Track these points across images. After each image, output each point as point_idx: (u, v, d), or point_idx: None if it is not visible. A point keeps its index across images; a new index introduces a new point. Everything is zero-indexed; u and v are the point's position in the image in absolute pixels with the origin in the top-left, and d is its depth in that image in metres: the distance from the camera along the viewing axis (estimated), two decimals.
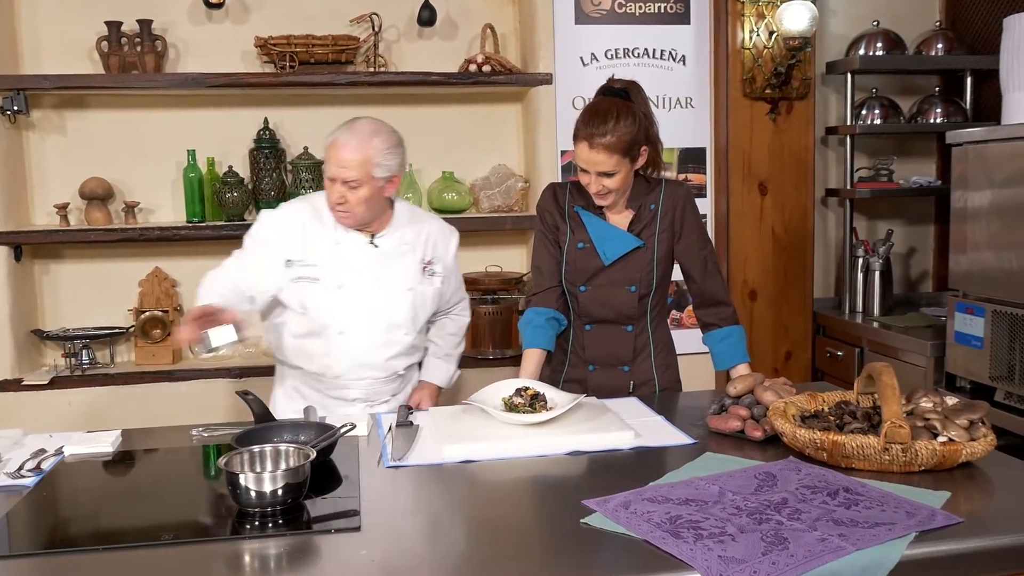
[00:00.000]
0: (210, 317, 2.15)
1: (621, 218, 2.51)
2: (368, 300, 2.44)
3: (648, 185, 2.51)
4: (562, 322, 2.56)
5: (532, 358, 2.49)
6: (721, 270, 2.58)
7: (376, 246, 2.45)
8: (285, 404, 2.55)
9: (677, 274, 2.59)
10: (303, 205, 2.49)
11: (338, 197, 2.34)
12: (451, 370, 2.73)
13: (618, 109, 2.34)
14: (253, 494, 1.62)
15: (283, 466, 1.74)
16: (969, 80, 4.04)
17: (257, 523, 1.61)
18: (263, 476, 1.64)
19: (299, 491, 1.66)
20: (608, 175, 2.36)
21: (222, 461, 1.69)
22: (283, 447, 1.80)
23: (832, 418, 1.94)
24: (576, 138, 2.36)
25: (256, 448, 1.78)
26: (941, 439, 1.77)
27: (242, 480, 1.63)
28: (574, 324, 2.58)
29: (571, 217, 2.53)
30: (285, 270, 2.41)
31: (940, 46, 3.98)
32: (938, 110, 3.99)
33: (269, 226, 2.46)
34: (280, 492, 1.63)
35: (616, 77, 2.49)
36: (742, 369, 2.50)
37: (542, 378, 2.48)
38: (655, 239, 2.49)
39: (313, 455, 1.72)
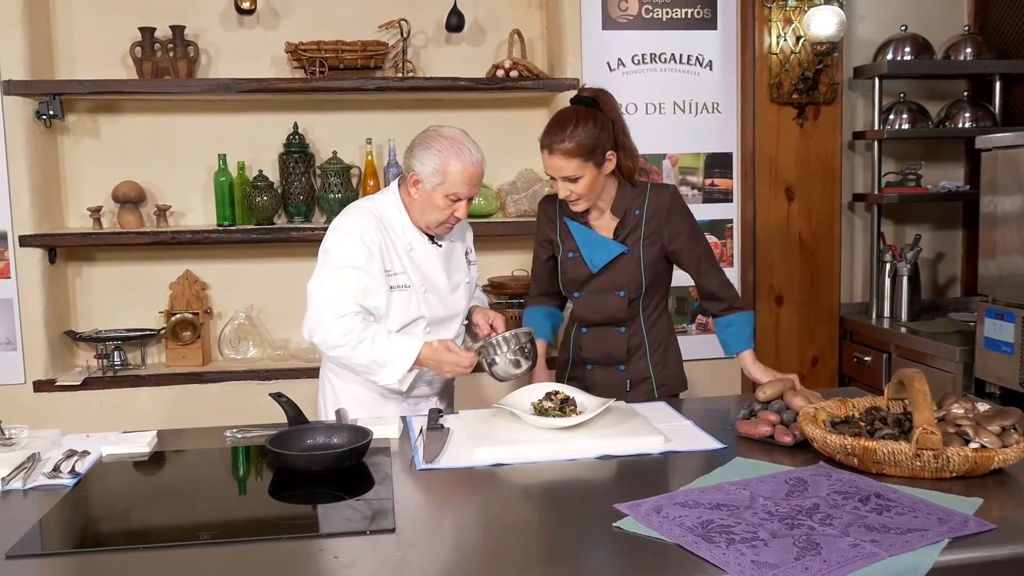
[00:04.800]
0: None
1: (606, 225, 2.57)
2: (445, 298, 2.52)
3: (634, 191, 2.55)
4: (559, 316, 2.79)
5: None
6: (717, 263, 2.61)
7: (439, 245, 2.52)
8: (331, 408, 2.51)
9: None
10: (369, 217, 2.45)
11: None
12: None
13: (577, 115, 2.42)
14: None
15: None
16: (998, 84, 4.01)
17: (292, 524, 1.63)
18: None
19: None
20: (572, 180, 2.42)
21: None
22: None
23: (863, 424, 1.94)
24: (541, 148, 2.45)
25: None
26: (973, 445, 1.77)
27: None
28: (573, 326, 2.69)
29: (561, 228, 2.62)
30: (387, 280, 2.42)
31: (968, 50, 3.96)
32: (966, 115, 3.97)
33: (359, 245, 2.40)
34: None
35: (586, 86, 2.56)
36: (747, 356, 2.53)
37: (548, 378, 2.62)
38: (639, 244, 2.53)
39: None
